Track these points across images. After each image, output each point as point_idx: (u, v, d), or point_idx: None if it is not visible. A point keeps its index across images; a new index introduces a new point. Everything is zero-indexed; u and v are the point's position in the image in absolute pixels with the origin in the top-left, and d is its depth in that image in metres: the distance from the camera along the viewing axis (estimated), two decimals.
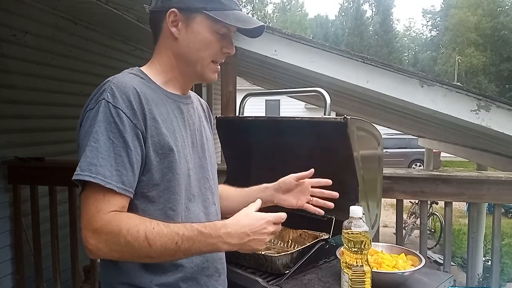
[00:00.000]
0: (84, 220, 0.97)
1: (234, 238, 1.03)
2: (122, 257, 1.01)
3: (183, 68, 1.16)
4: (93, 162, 0.96)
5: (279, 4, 51.72)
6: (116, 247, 0.96)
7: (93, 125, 0.98)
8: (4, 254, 3.06)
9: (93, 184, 0.96)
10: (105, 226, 0.95)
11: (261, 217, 1.07)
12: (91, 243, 0.96)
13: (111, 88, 1.02)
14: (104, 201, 0.97)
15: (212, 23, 1.10)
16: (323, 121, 1.67)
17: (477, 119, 3.02)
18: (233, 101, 3.36)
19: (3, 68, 3.11)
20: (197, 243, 1.00)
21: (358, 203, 1.68)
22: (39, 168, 3.05)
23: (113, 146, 0.98)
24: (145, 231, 0.96)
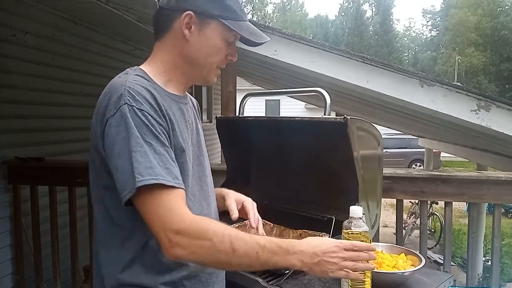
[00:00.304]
0: (160, 223, 0.96)
1: (307, 256, 1.02)
2: (203, 260, 1.00)
3: (188, 70, 1.17)
4: (148, 166, 0.96)
5: (279, 4, 51.74)
6: (201, 249, 0.96)
7: (125, 131, 0.98)
8: (4, 254, 3.06)
9: (155, 186, 0.95)
10: (189, 226, 0.96)
11: (333, 241, 1.07)
12: (175, 244, 0.95)
13: (129, 92, 1.01)
14: (171, 200, 0.97)
15: (225, 31, 1.13)
16: (323, 121, 1.67)
17: (477, 119, 3.02)
18: (233, 101, 3.36)
19: (3, 68, 3.10)
20: (275, 256, 1.00)
21: (358, 203, 1.68)
22: (39, 168, 3.05)
23: (153, 148, 0.98)
24: (230, 235, 0.97)
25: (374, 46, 41.34)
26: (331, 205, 1.86)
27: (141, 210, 0.98)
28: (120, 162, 0.97)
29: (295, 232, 1.71)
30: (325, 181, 1.92)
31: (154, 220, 0.97)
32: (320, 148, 1.83)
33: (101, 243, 1.12)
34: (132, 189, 0.95)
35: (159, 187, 0.96)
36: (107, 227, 1.09)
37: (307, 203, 1.96)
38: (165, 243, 0.96)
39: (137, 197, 0.96)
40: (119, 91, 1.01)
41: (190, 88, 4.99)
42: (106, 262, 1.10)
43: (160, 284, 1.08)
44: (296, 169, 2.02)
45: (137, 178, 0.94)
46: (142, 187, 0.94)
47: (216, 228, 0.98)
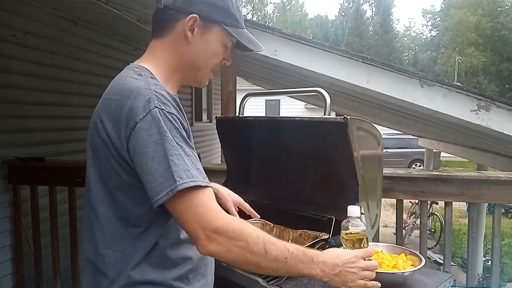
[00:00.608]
0: (200, 222, 0.98)
1: (329, 267, 1.07)
2: (236, 259, 1.02)
3: (186, 71, 1.19)
4: (186, 168, 0.98)
5: (279, 4, 51.72)
6: (236, 248, 0.99)
7: (158, 134, 0.99)
8: (4, 254, 3.06)
9: (191, 188, 0.98)
10: (227, 225, 0.99)
11: (352, 252, 1.13)
12: (212, 241, 0.98)
13: (157, 96, 1.02)
14: (207, 199, 1.00)
15: (226, 36, 1.17)
16: (323, 121, 1.67)
17: (477, 119, 3.02)
18: (233, 101, 3.36)
19: (3, 68, 3.11)
20: (301, 264, 1.04)
21: (358, 203, 1.68)
22: (39, 168, 3.05)
23: (183, 150, 1.01)
24: (263, 238, 1.01)
25: (374, 46, 41.34)
26: (331, 205, 1.86)
27: (178, 210, 1.00)
28: (154, 165, 0.98)
29: (295, 232, 1.71)
30: (325, 181, 1.92)
31: (194, 219, 0.98)
32: (320, 148, 1.83)
33: (106, 244, 1.11)
34: (171, 191, 0.96)
35: (196, 188, 0.99)
36: (116, 228, 1.09)
37: (307, 203, 1.96)
38: (203, 239, 0.98)
39: (173, 199, 0.98)
40: (147, 95, 1.01)
41: (190, 88, 5.04)
42: (114, 262, 1.10)
43: (170, 280, 1.11)
44: (296, 169, 2.02)
45: (177, 181, 0.96)
46: (179, 191, 0.97)
47: (251, 230, 1.02)
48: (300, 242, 1.65)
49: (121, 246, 1.09)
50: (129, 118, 1.00)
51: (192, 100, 7.47)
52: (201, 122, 8.13)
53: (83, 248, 1.17)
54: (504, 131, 3.01)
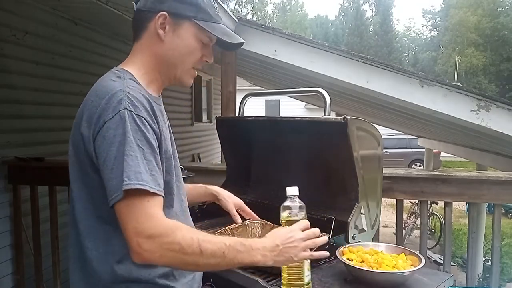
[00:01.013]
0: (134, 228, 0.99)
1: (268, 250, 1.09)
2: (171, 262, 1.04)
3: (163, 70, 1.20)
4: (137, 170, 0.99)
5: (279, 4, 51.71)
6: (169, 252, 1.00)
7: (121, 135, 1.01)
8: (4, 254, 3.06)
9: (138, 191, 0.99)
10: (160, 231, 0.99)
11: (289, 229, 1.15)
12: (145, 249, 0.98)
13: (128, 97, 1.04)
14: (150, 206, 1.00)
15: (198, 31, 1.17)
16: (323, 121, 1.67)
17: (477, 119, 3.02)
18: (233, 101, 3.36)
19: (3, 68, 3.11)
20: (240, 254, 1.06)
21: (358, 203, 1.68)
22: (39, 168, 3.05)
23: (143, 153, 1.02)
24: (198, 238, 1.02)
25: (374, 46, 41.34)
26: (331, 205, 1.86)
27: (121, 212, 1.00)
28: (115, 164, 1.00)
29: None
30: (325, 181, 1.92)
31: (131, 225, 0.99)
32: (320, 148, 1.83)
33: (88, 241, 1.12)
34: (120, 192, 0.98)
35: (143, 192, 0.99)
36: (94, 225, 1.11)
37: (307, 203, 1.96)
38: (135, 248, 0.99)
39: (121, 201, 0.99)
40: (119, 96, 1.04)
41: (190, 88, 5.03)
42: (97, 259, 1.11)
43: (155, 277, 1.12)
44: (296, 169, 2.02)
45: (124, 181, 0.98)
46: (128, 190, 0.98)
47: (185, 232, 1.02)
48: None
49: (102, 243, 1.10)
50: (99, 118, 1.03)
51: (192, 100, 7.47)
52: (201, 122, 8.14)
53: (70, 245, 1.19)
54: (504, 131, 3.01)
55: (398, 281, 1.37)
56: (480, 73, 33.02)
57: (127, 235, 1.00)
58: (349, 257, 1.47)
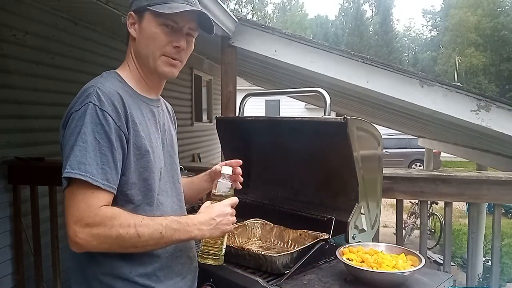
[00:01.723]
0: (73, 216, 1.03)
1: (204, 224, 1.15)
2: (109, 249, 1.07)
3: (142, 66, 1.23)
4: (82, 161, 1.03)
5: (279, 4, 51.69)
6: (107, 239, 1.03)
7: (80, 126, 1.05)
8: (4, 254, 3.06)
9: (81, 181, 1.02)
10: (99, 220, 1.03)
11: (222, 203, 1.22)
12: (81, 237, 1.02)
13: (97, 92, 1.09)
14: (93, 197, 1.04)
15: (156, 17, 1.18)
16: (323, 121, 1.67)
17: (477, 119, 3.02)
18: (233, 101, 3.36)
19: (3, 68, 3.10)
20: (177, 232, 1.11)
21: (358, 203, 1.68)
22: (39, 168, 3.05)
23: (99, 146, 1.05)
24: (135, 224, 1.06)
25: (374, 46, 41.33)
26: (331, 205, 1.86)
27: (65, 199, 1.05)
28: (68, 153, 1.05)
29: (295, 232, 1.71)
30: (325, 181, 1.92)
31: (70, 213, 1.03)
32: (320, 148, 1.83)
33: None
34: (65, 180, 1.03)
35: (86, 184, 1.03)
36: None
37: (307, 203, 1.96)
38: (72, 236, 1.02)
39: (67, 188, 1.04)
40: (89, 91, 1.10)
41: (190, 88, 5.04)
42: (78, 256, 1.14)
43: (135, 276, 1.15)
44: (296, 169, 2.02)
45: (66, 168, 1.03)
46: (71, 179, 1.02)
47: (122, 219, 1.05)
48: (300, 243, 1.65)
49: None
50: (69, 110, 1.11)
51: (192, 100, 7.47)
52: (201, 122, 8.13)
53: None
54: (504, 131, 3.01)
55: (398, 281, 1.37)
56: (480, 73, 33.01)
57: (66, 221, 1.04)
58: (349, 257, 1.47)
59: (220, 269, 1.53)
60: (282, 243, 1.75)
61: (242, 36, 3.37)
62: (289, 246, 1.71)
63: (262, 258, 1.45)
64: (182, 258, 1.26)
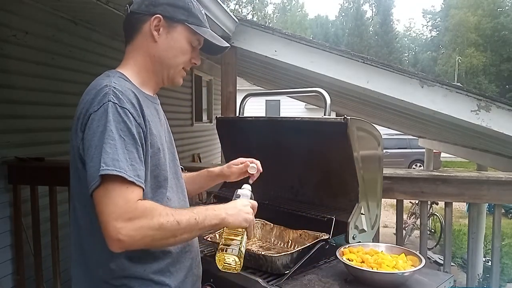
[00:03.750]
0: (113, 213, 1.00)
1: (230, 210, 1.20)
2: (151, 243, 1.06)
3: (157, 70, 1.26)
4: (115, 158, 1.02)
5: (279, 4, 51.70)
6: (150, 231, 1.03)
7: (104, 125, 1.04)
8: (4, 254, 3.06)
9: (116, 178, 1.01)
10: (140, 213, 1.02)
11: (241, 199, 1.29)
12: (124, 233, 0.99)
13: (113, 91, 1.09)
14: (129, 192, 1.02)
15: (190, 34, 1.25)
16: (323, 122, 1.67)
17: (477, 120, 3.02)
18: (233, 101, 3.36)
19: (3, 68, 3.11)
20: (208, 217, 1.14)
21: (358, 203, 1.68)
22: (39, 168, 3.05)
23: (125, 144, 1.05)
24: (172, 213, 1.08)
25: (374, 46, 41.33)
26: (331, 205, 1.86)
27: (99, 198, 1.01)
28: (95, 153, 1.03)
29: (295, 233, 1.71)
30: (325, 181, 1.92)
31: (109, 210, 1.00)
32: (320, 148, 1.83)
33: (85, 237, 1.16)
34: (98, 178, 1.00)
35: (120, 180, 1.01)
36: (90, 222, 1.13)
37: (307, 203, 1.96)
38: (113, 234, 0.99)
39: (98, 188, 1.01)
40: (104, 90, 1.09)
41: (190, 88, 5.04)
42: (93, 255, 1.15)
43: (150, 273, 1.15)
44: (296, 169, 2.02)
45: (102, 166, 1.00)
46: (105, 176, 1.00)
47: (160, 208, 1.07)
48: (300, 243, 1.65)
49: (97, 239, 1.10)
50: (86, 111, 1.08)
51: (192, 100, 7.47)
52: (201, 122, 8.13)
53: (72, 243, 1.22)
54: (504, 131, 3.01)
55: (398, 281, 1.37)
56: (480, 73, 33.02)
57: (103, 220, 1.00)
58: (349, 257, 1.47)
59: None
60: (282, 243, 1.75)
61: (242, 36, 3.37)
62: (289, 246, 1.71)
63: (262, 258, 1.45)
64: (191, 252, 1.29)
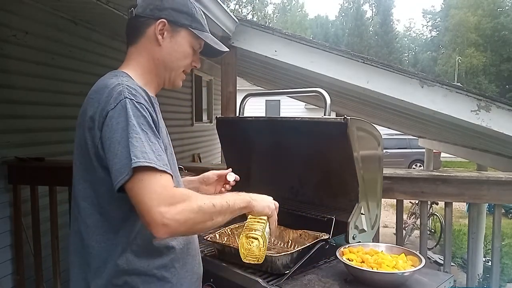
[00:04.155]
0: (154, 200, 1.01)
1: (255, 196, 1.29)
2: (192, 227, 1.09)
3: (160, 72, 1.29)
4: (143, 151, 1.04)
5: (279, 4, 51.69)
6: (191, 214, 1.06)
7: (124, 121, 1.06)
8: (4, 254, 3.06)
9: (148, 169, 1.03)
10: (179, 197, 1.05)
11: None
12: (168, 217, 1.01)
13: (127, 88, 1.12)
14: (163, 179, 1.05)
15: (193, 39, 1.30)
16: (323, 122, 1.67)
17: (477, 120, 3.02)
18: (233, 101, 3.36)
19: (3, 68, 3.11)
20: (237, 200, 1.21)
21: (358, 203, 1.68)
22: (39, 168, 3.05)
23: (148, 137, 1.08)
24: (206, 196, 1.14)
25: (374, 46, 41.33)
26: (331, 205, 1.86)
27: (135, 189, 1.03)
28: (119, 148, 1.04)
29: (295, 233, 1.71)
30: (325, 181, 1.92)
31: (149, 198, 1.02)
32: (320, 148, 1.83)
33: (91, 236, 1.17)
34: (129, 171, 1.01)
35: (152, 170, 1.03)
36: (98, 220, 1.15)
37: (307, 203, 1.96)
38: (158, 219, 1.00)
39: (131, 180, 1.02)
40: (118, 88, 1.11)
41: (190, 88, 5.04)
42: (100, 253, 1.16)
43: (153, 269, 1.17)
44: (296, 169, 2.02)
45: (133, 159, 1.02)
46: (137, 168, 1.02)
47: (196, 194, 1.11)
48: (300, 243, 1.65)
49: (105, 237, 1.15)
50: (103, 110, 1.09)
51: (192, 100, 7.47)
52: (201, 123, 8.13)
53: (70, 242, 1.24)
54: (504, 131, 3.01)
55: (398, 281, 1.37)
56: (480, 74, 33.02)
57: (145, 208, 1.01)
58: (349, 257, 1.47)
59: (220, 269, 1.53)
60: (282, 243, 1.75)
61: (242, 37, 3.37)
62: (289, 246, 1.71)
63: None
64: (192, 250, 1.31)
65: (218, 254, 1.61)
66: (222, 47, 1.37)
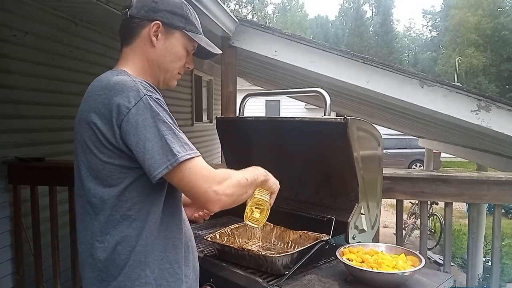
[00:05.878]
0: (206, 181, 1.14)
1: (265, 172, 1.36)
2: (236, 198, 1.21)
3: (154, 73, 1.31)
4: (181, 144, 1.12)
5: (279, 4, 51.71)
6: (235, 187, 1.20)
7: (152, 117, 1.10)
8: (4, 254, 3.06)
9: (191, 158, 1.12)
10: (222, 175, 1.17)
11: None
12: (221, 193, 1.15)
13: (142, 85, 1.14)
14: (204, 163, 1.16)
15: (186, 41, 1.32)
16: (323, 122, 1.67)
17: (477, 120, 3.02)
18: (233, 101, 3.36)
19: (3, 68, 3.10)
20: (258, 175, 1.32)
21: (358, 203, 1.68)
22: (39, 168, 3.05)
23: (176, 129, 1.15)
24: (238, 171, 1.25)
25: (374, 46, 41.34)
26: (331, 205, 1.86)
27: (185, 177, 1.12)
28: (150, 144, 1.09)
29: (295, 233, 1.71)
30: (325, 182, 1.92)
31: (202, 181, 1.13)
32: (320, 148, 1.83)
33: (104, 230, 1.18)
34: (170, 165, 1.09)
35: (194, 158, 1.13)
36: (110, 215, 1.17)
37: (307, 204, 1.96)
38: (213, 196, 1.14)
39: (174, 171, 1.10)
40: (133, 86, 1.13)
41: (190, 88, 5.05)
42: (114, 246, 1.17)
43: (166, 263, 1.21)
44: (296, 170, 2.02)
45: (177, 154, 1.10)
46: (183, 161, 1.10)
47: (233, 171, 1.24)
48: (300, 244, 1.65)
49: (117, 230, 1.17)
50: (120, 107, 1.10)
51: (192, 100, 7.47)
52: (201, 122, 8.13)
53: (80, 238, 1.24)
54: (504, 131, 3.01)
55: (398, 281, 1.37)
56: (480, 74, 33.03)
57: (201, 191, 1.13)
58: (349, 257, 1.47)
59: (220, 269, 1.53)
60: (282, 243, 1.75)
61: (242, 37, 3.37)
62: (289, 247, 1.71)
63: (262, 258, 1.45)
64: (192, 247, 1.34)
65: (218, 254, 1.61)
66: (215, 49, 1.39)
